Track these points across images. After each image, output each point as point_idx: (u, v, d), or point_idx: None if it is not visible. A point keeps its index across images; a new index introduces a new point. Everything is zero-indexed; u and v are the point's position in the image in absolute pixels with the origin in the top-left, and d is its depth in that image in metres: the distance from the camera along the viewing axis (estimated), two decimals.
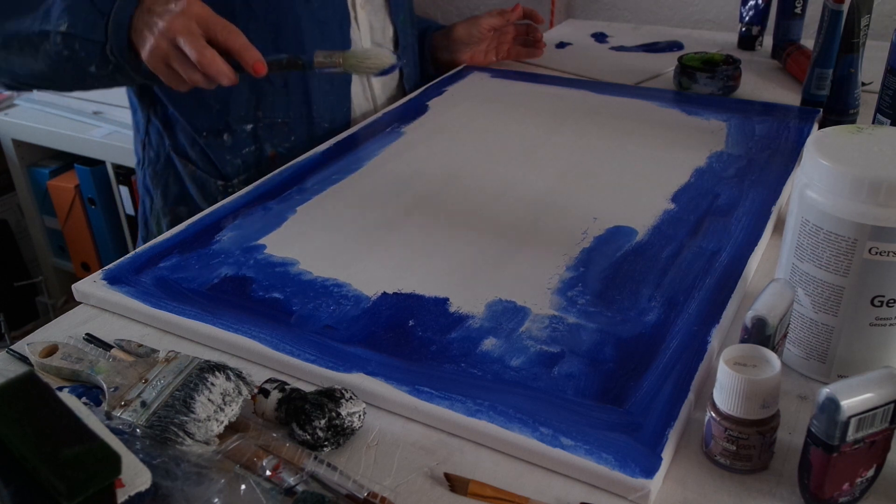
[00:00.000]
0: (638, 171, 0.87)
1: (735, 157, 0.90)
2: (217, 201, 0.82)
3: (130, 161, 1.35)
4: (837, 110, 0.96)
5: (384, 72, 0.82)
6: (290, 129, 0.96)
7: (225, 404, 0.51)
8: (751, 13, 1.33)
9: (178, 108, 0.93)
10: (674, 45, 1.37)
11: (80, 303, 0.69)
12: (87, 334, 0.63)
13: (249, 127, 0.93)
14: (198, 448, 0.49)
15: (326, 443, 0.51)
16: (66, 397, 0.46)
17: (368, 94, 1.05)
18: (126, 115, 1.12)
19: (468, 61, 1.21)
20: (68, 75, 0.80)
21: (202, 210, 0.80)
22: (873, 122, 0.93)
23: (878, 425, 0.44)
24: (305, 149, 0.95)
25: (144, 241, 0.99)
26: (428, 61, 1.19)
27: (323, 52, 0.81)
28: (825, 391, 0.43)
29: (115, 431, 0.47)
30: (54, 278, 2.03)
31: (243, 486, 0.46)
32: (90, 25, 0.76)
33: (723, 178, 0.84)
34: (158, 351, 0.59)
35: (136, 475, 0.44)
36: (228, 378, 0.53)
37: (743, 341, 0.52)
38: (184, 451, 0.48)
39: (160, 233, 0.91)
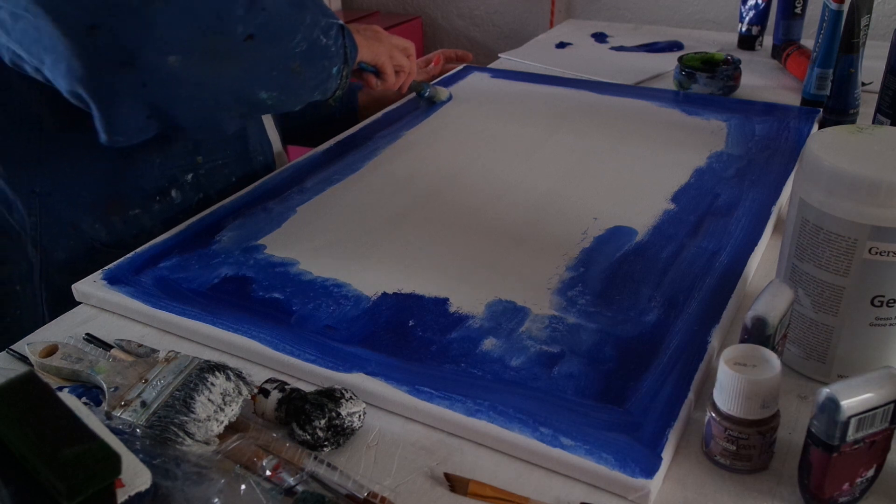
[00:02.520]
0: (638, 171, 0.87)
1: (735, 157, 0.90)
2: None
3: None
4: (837, 110, 0.96)
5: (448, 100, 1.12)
6: (229, 170, 0.89)
7: (225, 404, 0.51)
8: (751, 13, 1.33)
9: (122, 176, 0.81)
10: (674, 45, 1.37)
11: (80, 303, 0.69)
12: (87, 334, 0.63)
13: (190, 176, 0.85)
14: (198, 448, 0.49)
15: (326, 443, 0.51)
16: (66, 397, 0.46)
17: (271, 122, 1.00)
18: None
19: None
20: (313, 76, 0.79)
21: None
22: (873, 122, 0.93)
23: (878, 425, 0.44)
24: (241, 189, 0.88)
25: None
26: (352, 117, 1.15)
27: (429, 86, 1.11)
28: (825, 391, 0.43)
29: (115, 431, 0.47)
30: None
31: (243, 486, 0.46)
32: (345, 29, 0.82)
33: (723, 178, 0.84)
34: (158, 351, 0.59)
35: (136, 475, 0.44)
36: (228, 378, 0.53)
37: (743, 341, 0.52)
38: (184, 451, 0.48)
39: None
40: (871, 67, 1.00)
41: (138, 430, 0.50)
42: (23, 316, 0.84)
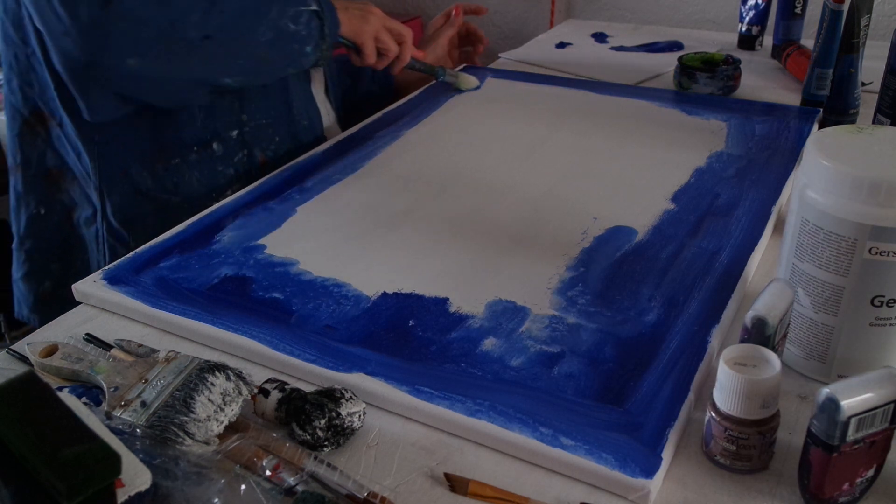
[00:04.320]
0: (638, 171, 0.87)
1: (735, 157, 0.90)
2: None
3: None
4: (837, 110, 0.96)
5: (476, 88, 1.16)
6: (273, 130, 0.96)
7: (225, 404, 0.51)
8: (751, 13, 1.33)
9: (165, 129, 0.89)
10: (674, 45, 1.37)
11: (80, 303, 0.69)
12: (87, 334, 0.63)
13: (235, 133, 0.93)
14: (198, 448, 0.49)
15: (326, 443, 0.51)
16: (66, 397, 0.46)
17: (320, 89, 1.06)
18: None
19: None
20: (282, 58, 0.87)
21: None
22: (873, 122, 0.93)
23: (878, 425, 0.44)
24: (289, 151, 0.96)
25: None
26: (388, 92, 1.22)
27: (450, 70, 1.14)
28: (825, 391, 0.43)
29: (115, 431, 0.47)
30: None
31: (243, 486, 0.46)
32: (325, 8, 0.89)
33: (723, 178, 0.84)
34: (158, 351, 0.59)
35: (136, 475, 0.44)
36: (228, 378, 0.53)
37: (743, 341, 0.52)
38: (184, 451, 0.48)
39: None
40: (871, 67, 1.00)
41: (138, 430, 0.50)
42: (90, 259, 0.93)
